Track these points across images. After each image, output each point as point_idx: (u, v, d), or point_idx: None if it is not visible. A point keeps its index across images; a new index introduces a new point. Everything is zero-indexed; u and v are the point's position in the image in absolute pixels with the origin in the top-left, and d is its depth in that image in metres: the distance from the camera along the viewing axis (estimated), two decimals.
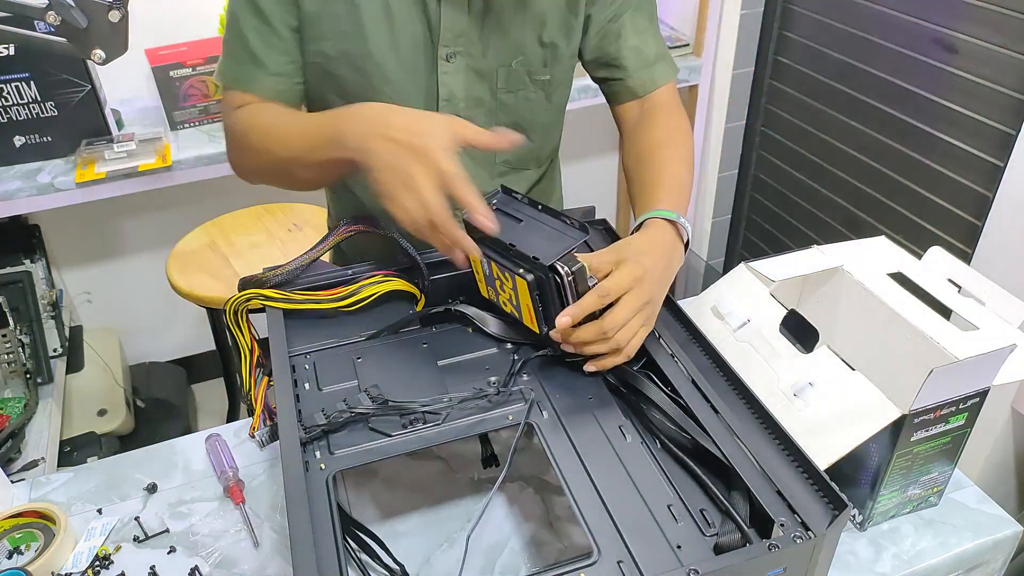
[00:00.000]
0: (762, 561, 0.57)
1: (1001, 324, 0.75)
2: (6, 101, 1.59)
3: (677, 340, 0.78)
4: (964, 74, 1.56)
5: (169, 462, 0.89)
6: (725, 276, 0.88)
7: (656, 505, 0.65)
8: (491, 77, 0.95)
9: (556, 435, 0.71)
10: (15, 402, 1.71)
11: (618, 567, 0.59)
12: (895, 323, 0.74)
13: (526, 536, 0.78)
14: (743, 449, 0.65)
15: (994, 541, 0.78)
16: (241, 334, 0.84)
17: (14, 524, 0.79)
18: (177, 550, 0.79)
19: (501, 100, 0.97)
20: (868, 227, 1.89)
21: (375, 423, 0.71)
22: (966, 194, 1.61)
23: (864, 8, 1.74)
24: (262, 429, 0.84)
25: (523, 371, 0.77)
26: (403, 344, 0.82)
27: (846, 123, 1.87)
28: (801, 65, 1.98)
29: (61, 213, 1.86)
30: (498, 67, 0.94)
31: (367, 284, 0.86)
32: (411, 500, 0.82)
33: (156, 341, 2.28)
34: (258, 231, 1.76)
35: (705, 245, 2.41)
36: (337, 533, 0.61)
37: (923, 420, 0.70)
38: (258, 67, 0.90)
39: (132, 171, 1.63)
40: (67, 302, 2.08)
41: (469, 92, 0.95)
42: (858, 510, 0.77)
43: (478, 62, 0.93)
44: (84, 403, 1.92)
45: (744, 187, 2.30)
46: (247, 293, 0.83)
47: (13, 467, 1.59)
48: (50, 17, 0.75)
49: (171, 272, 1.63)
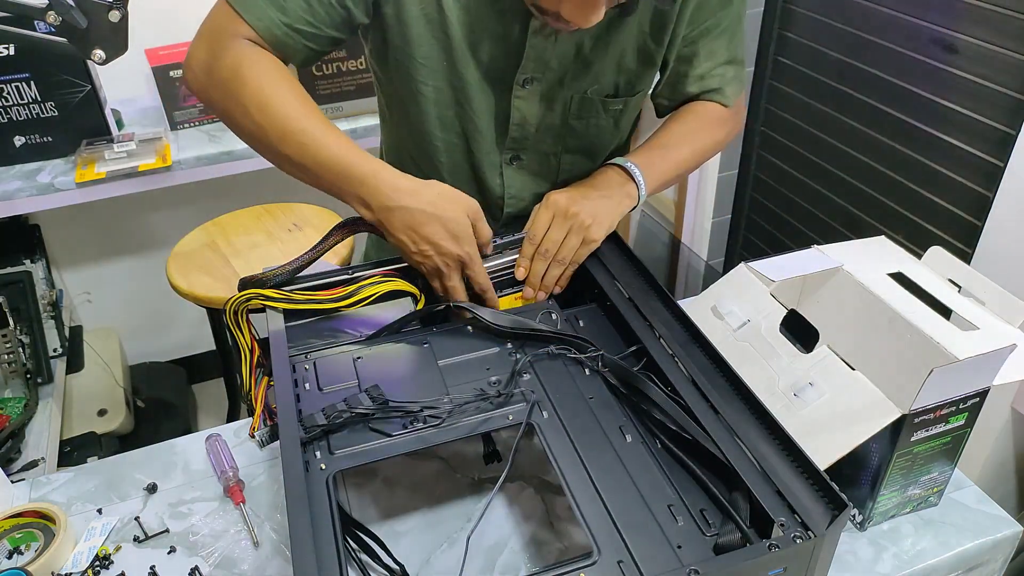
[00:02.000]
0: (762, 561, 0.57)
1: (1001, 324, 0.75)
2: (6, 101, 1.59)
3: (677, 340, 0.78)
4: (964, 74, 1.56)
5: (169, 462, 0.89)
6: (725, 276, 0.88)
7: (656, 505, 0.65)
8: (564, 104, 0.95)
9: (556, 435, 0.71)
10: (15, 402, 1.71)
11: (618, 567, 0.59)
12: (895, 323, 0.74)
13: (526, 536, 0.78)
14: (743, 449, 0.65)
15: (994, 541, 0.78)
16: (241, 334, 0.84)
17: (14, 524, 0.79)
18: (177, 550, 0.79)
19: (571, 125, 0.97)
20: (868, 227, 1.89)
21: (375, 423, 0.71)
22: (966, 194, 1.61)
23: (864, 8, 1.74)
24: (262, 429, 0.84)
25: (524, 371, 0.77)
26: (403, 344, 0.82)
27: (846, 123, 1.87)
28: (801, 65, 1.98)
29: (61, 213, 1.86)
30: (572, 94, 0.94)
31: (367, 284, 0.86)
32: (411, 500, 0.82)
33: (156, 341, 2.28)
34: (258, 231, 1.76)
35: (705, 245, 2.41)
36: (337, 533, 0.61)
37: (923, 420, 0.70)
38: (275, 6, 0.82)
39: (132, 171, 1.63)
40: (67, 302, 2.09)
41: (541, 118, 0.95)
42: (858, 510, 0.77)
43: (553, 89, 0.93)
44: (84, 403, 1.92)
45: (744, 187, 2.30)
46: (247, 293, 0.83)
47: (13, 467, 1.59)
48: (50, 17, 0.75)
49: (171, 272, 1.63)
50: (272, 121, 0.82)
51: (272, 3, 0.82)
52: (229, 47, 0.83)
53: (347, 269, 0.90)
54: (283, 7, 0.82)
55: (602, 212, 0.90)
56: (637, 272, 0.89)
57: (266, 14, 0.82)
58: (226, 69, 0.83)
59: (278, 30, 0.83)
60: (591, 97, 0.95)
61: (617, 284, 0.88)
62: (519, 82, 0.91)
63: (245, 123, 0.84)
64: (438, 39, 0.87)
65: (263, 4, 0.82)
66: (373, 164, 0.82)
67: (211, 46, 0.84)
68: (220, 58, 0.83)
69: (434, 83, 0.91)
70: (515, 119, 0.94)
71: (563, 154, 1.00)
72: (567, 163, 1.01)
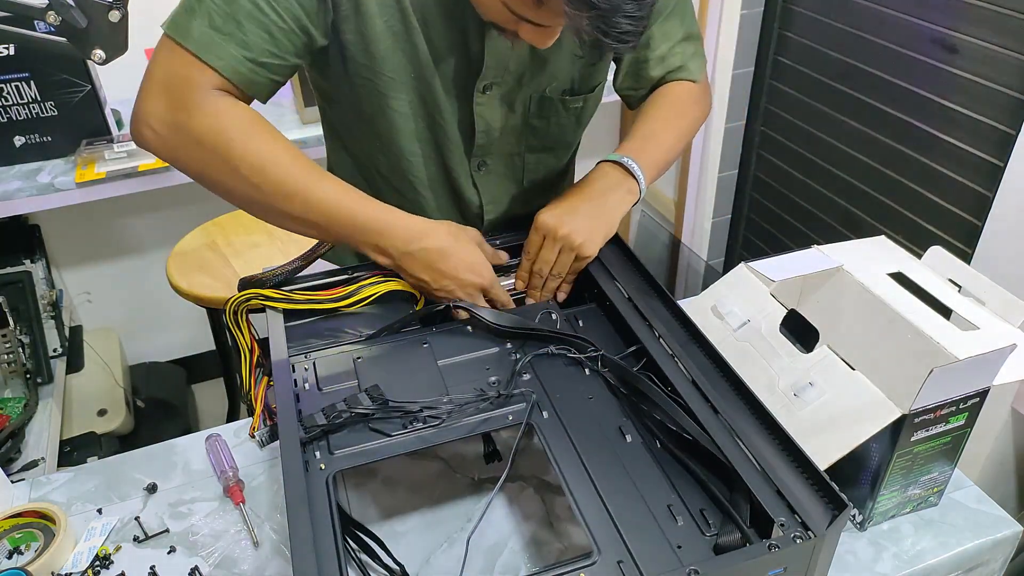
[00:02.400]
0: (762, 561, 0.57)
1: (1001, 324, 0.75)
2: (6, 101, 1.59)
3: (677, 340, 0.78)
4: (964, 74, 1.56)
5: (169, 462, 0.89)
6: (725, 276, 0.88)
7: (656, 505, 0.65)
8: (524, 104, 0.95)
9: (556, 435, 0.71)
10: (15, 402, 1.71)
11: (618, 567, 0.59)
12: (895, 323, 0.74)
13: (526, 536, 0.78)
14: (743, 449, 0.65)
15: (994, 541, 0.78)
16: (241, 334, 0.84)
17: (14, 524, 0.79)
18: (177, 550, 0.78)
19: (532, 125, 0.97)
20: (868, 227, 1.89)
21: (375, 423, 0.71)
22: (966, 194, 1.61)
23: (864, 8, 1.74)
24: (262, 429, 0.84)
25: (523, 371, 0.77)
26: (403, 344, 0.82)
27: (846, 123, 1.87)
28: (801, 65, 1.98)
29: (61, 213, 1.86)
30: (531, 94, 0.94)
31: (367, 284, 0.86)
32: (411, 500, 0.82)
33: (156, 341, 2.28)
34: (258, 231, 1.76)
35: (705, 245, 2.41)
36: (337, 533, 0.61)
37: (923, 420, 0.70)
38: (235, 42, 0.77)
39: (132, 171, 1.62)
40: (67, 302, 2.08)
41: (504, 121, 0.95)
42: (858, 510, 0.77)
43: (512, 91, 0.93)
44: (84, 403, 1.92)
45: (744, 187, 2.30)
46: (247, 293, 0.83)
47: (13, 467, 1.59)
48: (50, 17, 0.75)
49: (171, 272, 1.63)
50: (271, 181, 0.79)
51: (232, 40, 0.77)
52: (200, 103, 0.77)
53: (347, 269, 0.90)
54: (245, 42, 0.77)
55: (594, 227, 0.90)
56: (637, 272, 0.89)
57: (228, 53, 0.77)
58: (203, 128, 0.77)
59: (243, 67, 0.78)
60: (550, 96, 0.95)
61: (617, 284, 0.88)
62: (479, 89, 0.90)
63: (234, 184, 0.80)
64: (405, 52, 0.86)
65: (223, 43, 0.77)
66: (384, 213, 0.83)
67: (173, 100, 0.78)
68: (191, 115, 0.77)
69: (406, 96, 0.89)
70: (479, 126, 0.93)
71: (527, 153, 1.00)
72: (531, 162, 1.01)
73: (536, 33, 0.76)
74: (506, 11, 0.74)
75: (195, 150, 0.79)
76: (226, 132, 0.78)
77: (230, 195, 0.82)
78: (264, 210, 0.83)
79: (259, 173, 0.79)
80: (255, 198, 0.81)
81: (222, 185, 0.81)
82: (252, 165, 0.78)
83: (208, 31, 0.76)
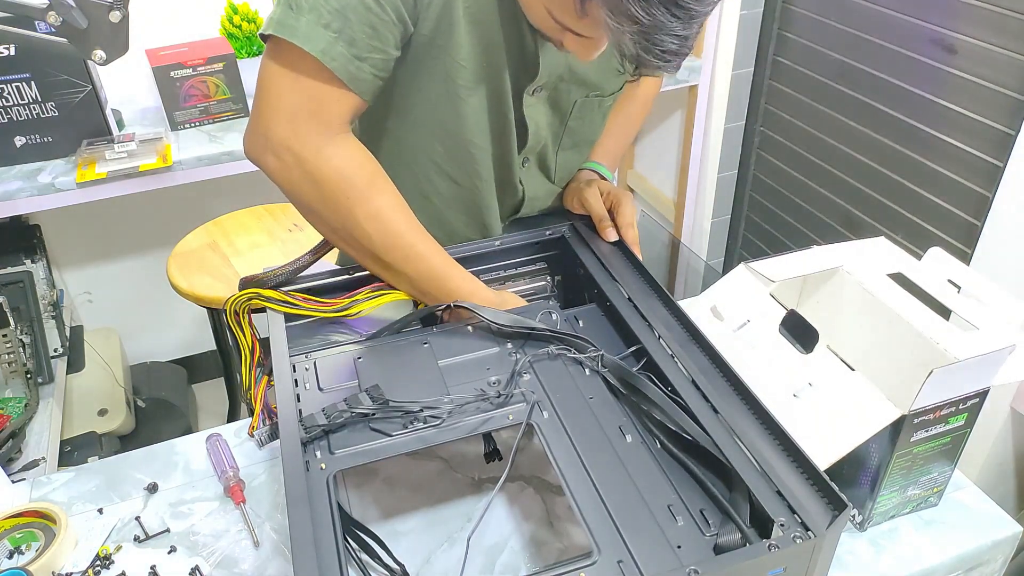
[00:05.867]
0: (762, 561, 0.57)
1: (1001, 324, 0.75)
2: (7, 101, 1.59)
3: (677, 340, 0.78)
4: (964, 74, 1.56)
5: (169, 462, 0.89)
6: (725, 276, 0.88)
7: (656, 505, 0.65)
8: (567, 107, 0.97)
9: (556, 435, 0.71)
10: (15, 402, 1.71)
11: (618, 567, 0.59)
12: (895, 323, 0.74)
13: (526, 536, 0.78)
14: (743, 449, 0.66)
15: (994, 541, 0.78)
16: (241, 334, 0.84)
17: (14, 524, 0.80)
18: (177, 550, 0.79)
19: (570, 127, 1.00)
20: (868, 227, 1.89)
21: (375, 423, 0.71)
22: (966, 194, 1.62)
23: (864, 8, 1.74)
24: (261, 428, 0.84)
25: (524, 371, 0.78)
26: (403, 344, 0.82)
27: (846, 123, 1.87)
28: (800, 65, 1.98)
29: (62, 213, 1.86)
30: (576, 99, 0.96)
31: (362, 299, 0.86)
32: (411, 500, 0.82)
33: (156, 341, 2.28)
34: (258, 231, 1.76)
35: (705, 245, 2.41)
36: (337, 533, 0.61)
37: (923, 420, 0.70)
38: (347, 42, 0.77)
39: (132, 171, 1.63)
40: (67, 302, 2.09)
41: (548, 122, 0.97)
42: (858, 510, 0.77)
43: (558, 95, 0.95)
44: (84, 403, 1.92)
45: (743, 187, 2.30)
46: (247, 293, 0.83)
47: (14, 467, 1.59)
48: (51, 17, 0.75)
49: (171, 272, 1.63)
50: (383, 232, 0.84)
51: (340, 38, 0.77)
52: (324, 146, 0.80)
53: (348, 269, 0.90)
54: (352, 39, 0.77)
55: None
56: (637, 272, 0.89)
57: (339, 52, 0.77)
58: (327, 173, 0.81)
59: (352, 66, 0.79)
60: (591, 99, 0.98)
61: (617, 284, 0.88)
62: (529, 91, 0.92)
63: (342, 225, 0.84)
64: (480, 43, 0.85)
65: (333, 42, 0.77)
66: (468, 282, 0.87)
67: (300, 135, 0.80)
68: (318, 155, 0.80)
69: (475, 86, 0.89)
70: (530, 127, 0.95)
71: (559, 152, 1.03)
72: (562, 160, 1.05)
73: (580, 44, 0.77)
74: (551, 19, 0.75)
75: (313, 188, 0.82)
76: (352, 180, 0.82)
77: (333, 234, 0.87)
78: (361, 253, 0.87)
79: (375, 221, 0.83)
80: (362, 245, 0.85)
81: (328, 224, 0.85)
82: (368, 213, 0.83)
83: (319, 29, 0.76)
